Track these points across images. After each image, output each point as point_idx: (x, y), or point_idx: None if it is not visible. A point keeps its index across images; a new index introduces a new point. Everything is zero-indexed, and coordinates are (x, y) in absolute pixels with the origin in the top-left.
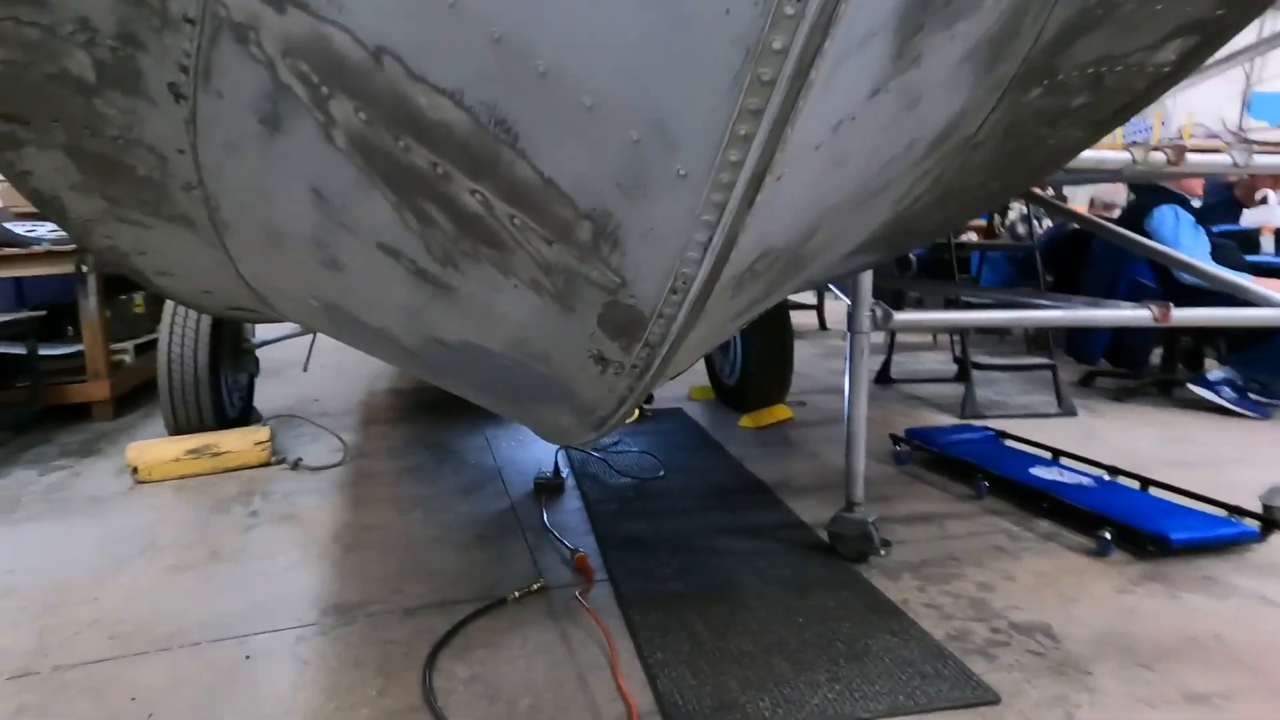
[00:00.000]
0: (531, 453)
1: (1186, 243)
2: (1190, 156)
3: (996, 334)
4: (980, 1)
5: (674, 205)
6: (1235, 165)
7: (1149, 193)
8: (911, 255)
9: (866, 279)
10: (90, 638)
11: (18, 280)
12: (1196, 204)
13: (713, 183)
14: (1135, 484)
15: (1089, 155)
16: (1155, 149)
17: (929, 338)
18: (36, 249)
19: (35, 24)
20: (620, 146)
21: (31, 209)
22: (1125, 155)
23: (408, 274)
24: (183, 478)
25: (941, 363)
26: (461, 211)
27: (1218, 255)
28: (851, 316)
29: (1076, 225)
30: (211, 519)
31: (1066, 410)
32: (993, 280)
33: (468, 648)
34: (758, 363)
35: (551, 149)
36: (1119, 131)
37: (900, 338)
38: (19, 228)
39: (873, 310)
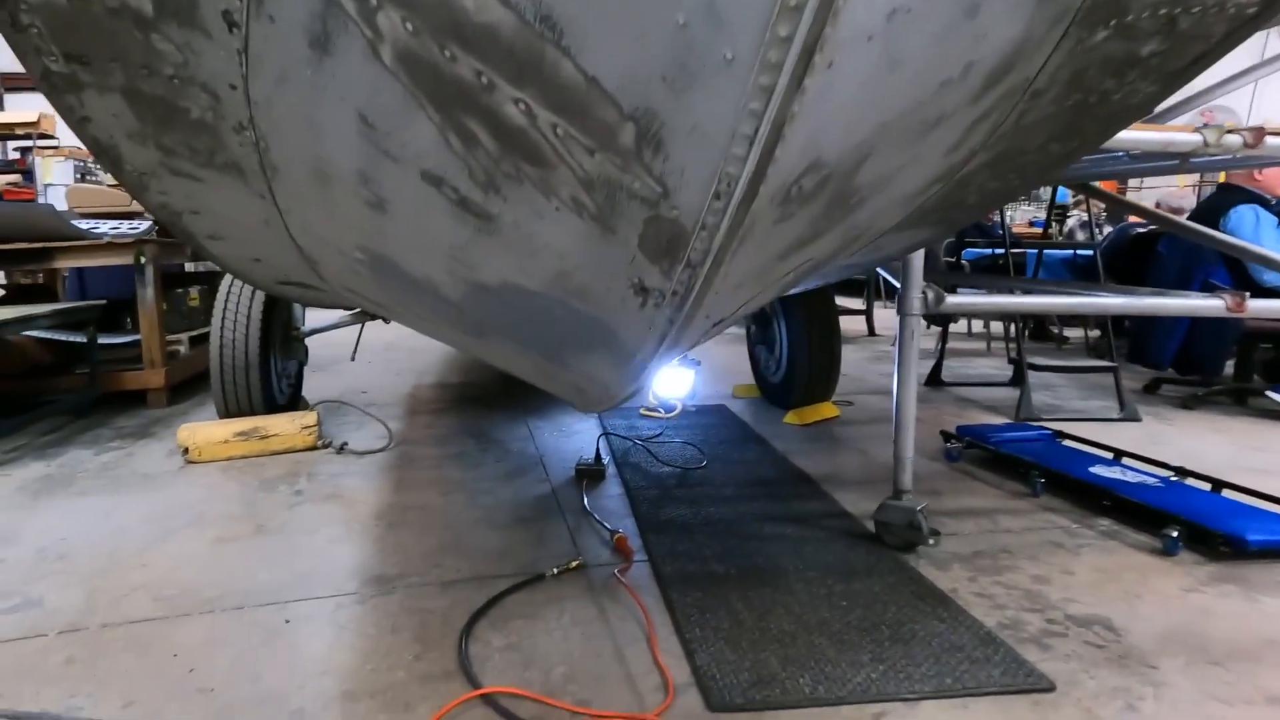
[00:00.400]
0: (574, 443)
1: (1269, 245)
2: (1271, 140)
3: (1055, 341)
4: None
5: (719, 95)
6: None
7: (1223, 192)
8: (967, 262)
9: (917, 260)
10: (137, 600)
11: (80, 277)
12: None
13: (760, 63)
14: (1206, 486)
15: (1156, 137)
16: (1230, 131)
17: (983, 344)
18: (99, 240)
19: None
20: (666, 33)
21: (96, 209)
22: (1195, 137)
23: (450, 205)
24: (231, 459)
25: (996, 368)
26: (505, 125)
27: None
28: (901, 299)
29: (1140, 229)
30: (258, 496)
31: (1129, 415)
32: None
33: (505, 619)
34: (803, 360)
35: (596, 43)
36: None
37: (953, 344)
38: (82, 224)
39: (924, 292)
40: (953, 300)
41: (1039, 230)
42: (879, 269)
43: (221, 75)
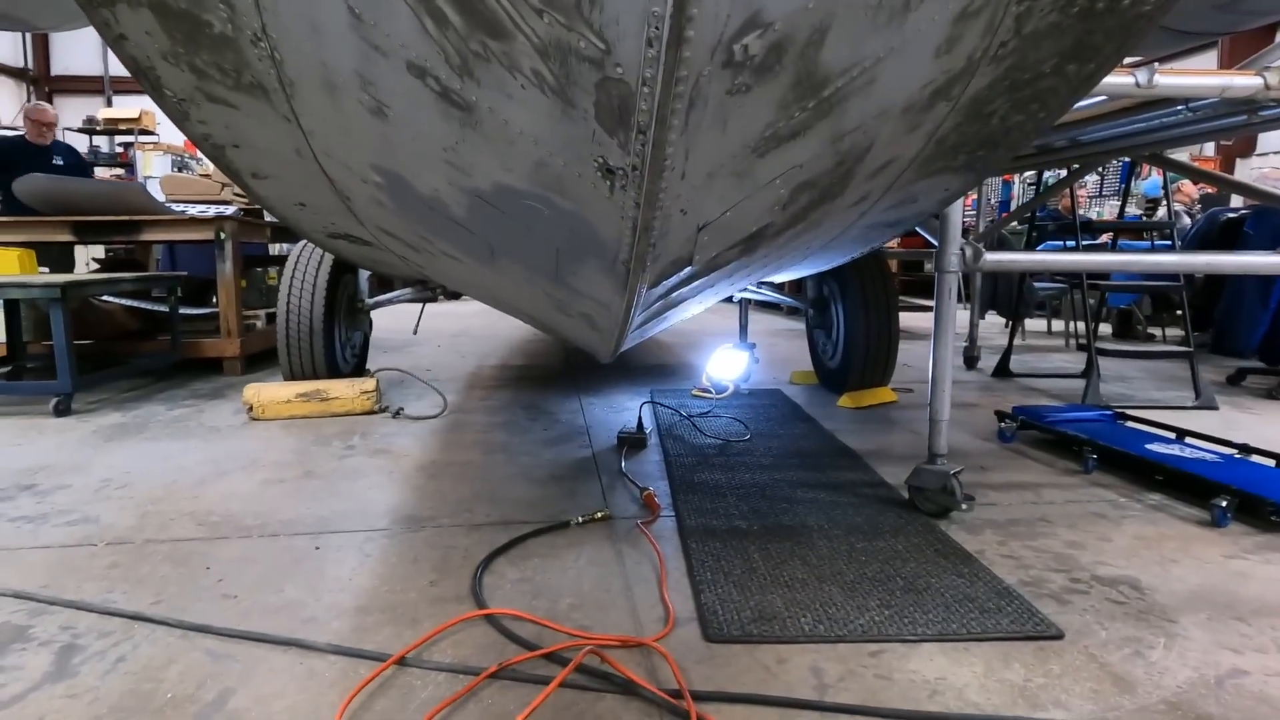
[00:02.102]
0: (623, 417)
1: None
2: None
3: (1139, 338)
4: None
5: None
6: None
7: None
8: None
9: (955, 214)
10: (183, 524)
11: (171, 256)
12: None
13: None
14: (1270, 461)
15: (1211, 81)
16: None
17: (1060, 341)
18: (181, 217)
19: None
20: None
21: (187, 196)
22: (1255, 80)
23: (437, 100)
24: (293, 418)
25: (1069, 361)
26: None
27: None
28: (939, 255)
29: (1231, 214)
30: (311, 449)
31: (1205, 403)
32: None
33: (524, 557)
34: (860, 344)
35: None
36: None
37: (1031, 340)
38: (175, 207)
39: (962, 249)
40: (991, 257)
41: (1129, 223)
42: (919, 228)
43: None
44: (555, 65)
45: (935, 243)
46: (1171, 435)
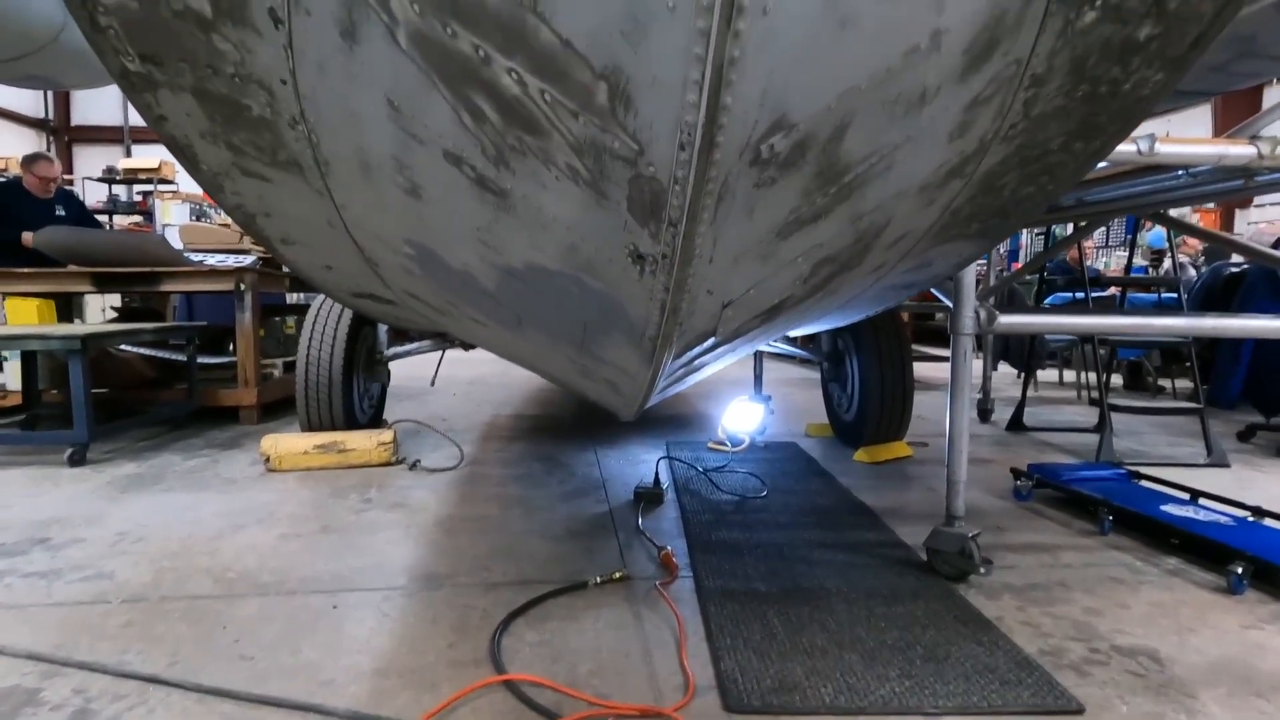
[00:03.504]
0: (639, 470)
1: None
2: None
3: (1150, 390)
4: None
5: (668, 44)
6: None
7: None
8: (1056, 306)
9: (969, 277)
10: (199, 580)
11: (189, 304)
12: None
13: (695, 7)
14: None
15: (1208, 150)
16: None
17: (1072, 393)
18: (201, 268)
19: None
20: None
21: (206, 245)
22: (1250, 149)
23: (471, 185)
24: (309, 469)
25: (1082, 414)
26: (503, 96)
27: None
28: (954, 317)
29: (1234, 269)
30: (328, 502)
31: (1217, 460)
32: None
33: (543, 619)
34: (875, 397)
35: (564, 5)
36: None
37: (1044, 392)
38: (193, 257)
39: (976, 311)
40: (1004, 319)
41: (1135, 277)
42: (934, 290)
43: (273, 70)
44: (589, 161)
45: (950, 304)
46: (1185, 496)
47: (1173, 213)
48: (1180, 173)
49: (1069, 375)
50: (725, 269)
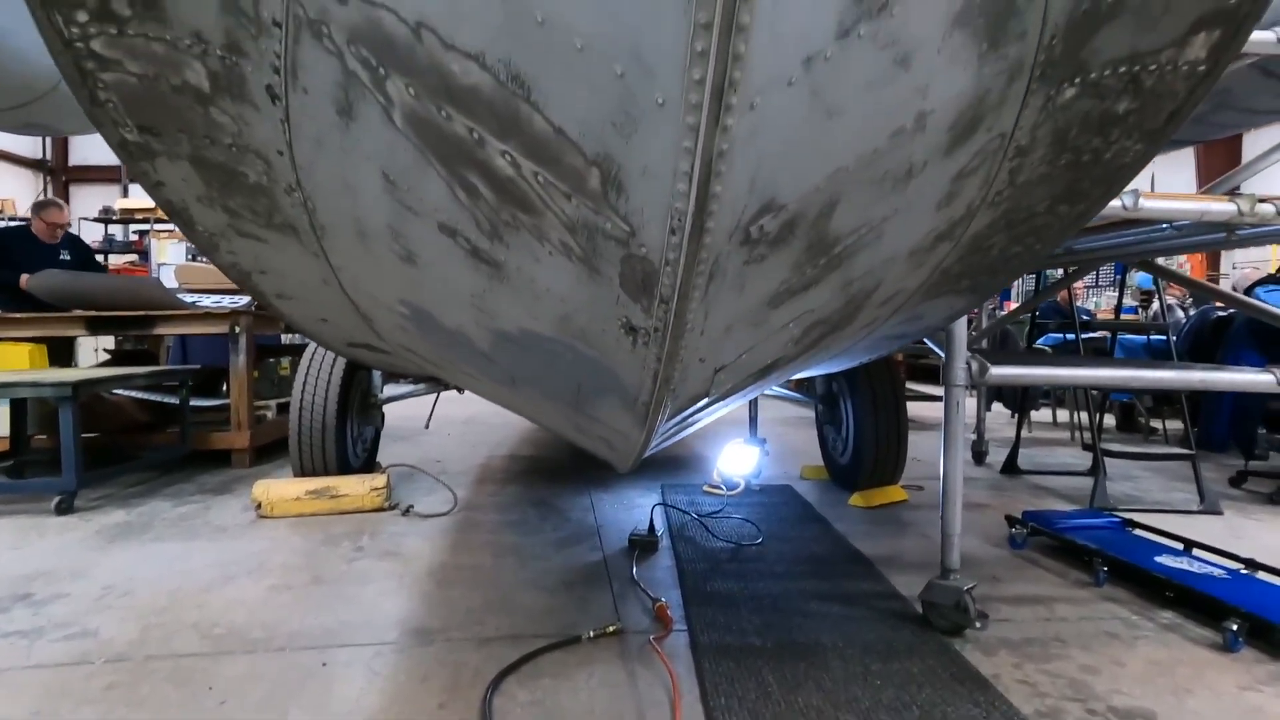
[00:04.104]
0: (634, 515)
1: None
2: None
3: (1142, 432)
4: None
5: (659, 136)
6: None
7: None
8: (1047, 348)
9: (960, 329)
10: (186, 637)
11: (183, 345)
12: None
13: (685, 104)
14: (1277, 580)
15: (1191, 206)
16: (1263, 200)
17: (1065, 434)
18: (198, 310)
19: (161, 39)
20: (609, 83)
21: (201, 285)
22: (1230, 206)
23: (466, 256)
24: (301, 515)
25: (1077, 456)
26: (498, 176)
27: None
28: (946, 369)
29: (1221, 312)
30: (320, 550)
31: (1210, 507)
32: None
33: (535, 676)
34: (870, 441)
35: (557, 96)
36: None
37: (1038, 433)
38: (187, 299)
39: (968, 362)
40: (996, 371)
41: (1128, 316)
42: (926, 340)
43: (270, 142)
44: (582, 239)
45: (942, 354)
46: (1179, 546)
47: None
48: (1165, 226)
49: (1062, 415)
50: (717, 338)
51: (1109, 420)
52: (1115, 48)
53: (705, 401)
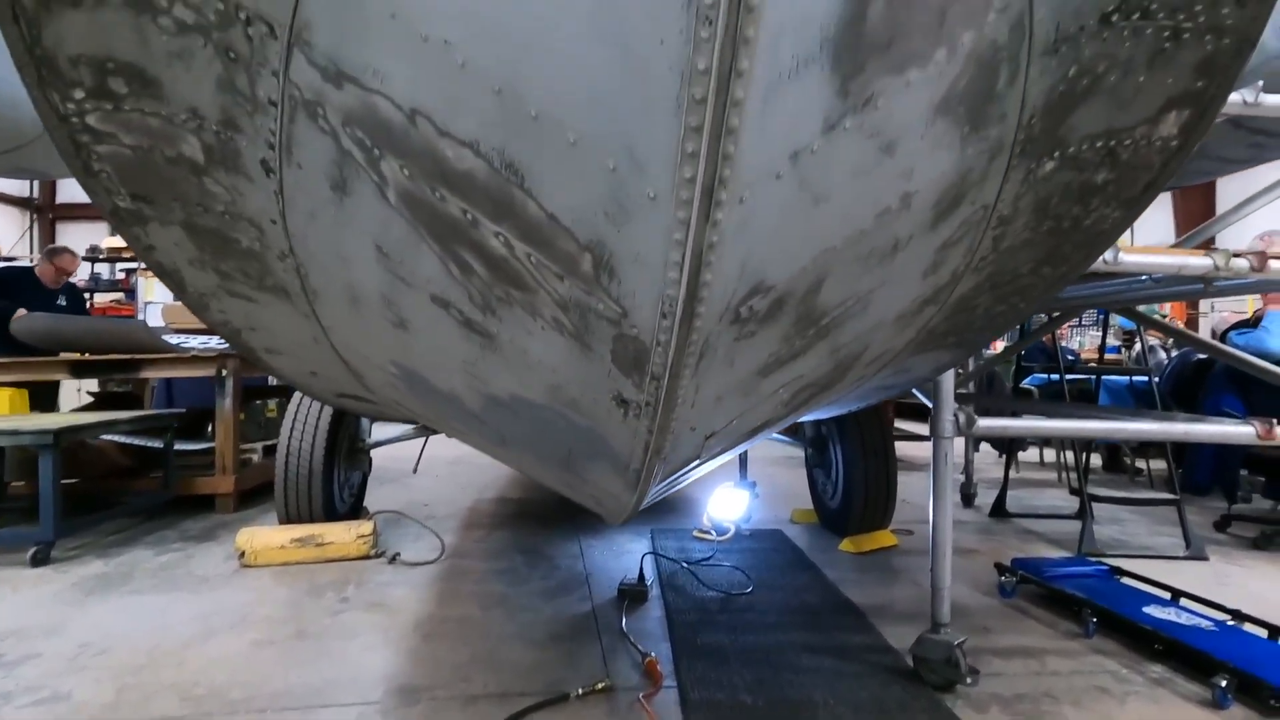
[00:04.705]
0: (623, 562)
1: (1275, 329)
2: (1275, 264)
3: (1128, 473)
4: (929, 52)
5: (651, 227)
6: None
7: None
8: (1034, 388)
9: (947, 382)
10: (165, 699)
11: (168, 385)
12: None
13: (676, 200)
14: (1263, 632)
15: (1169, 260)
16: (1237, 255)
17: (1052, 474)
18: (184, 354)
19: (156, 114)
20: (601, 176)
21: (188, 325)
22: (1206, 261)
23: (458, 326)
24: (286, 564)
25: (1064, 499)
26: (491, 255)
27: None
28: (934, 421)
29: (1201, 355)
30: (304, 601)
31: (1195, 553)
32: None
33: None
34: (859, 485)
35: (550, 186)
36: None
37: (1025, 473)
38: (173, 339)
39: (955, 415)
40: (984, 423)
41: (1111, 356)
42: (915, 390)
43: (263, 212)
44: (574, 317)
45: (930, 404)
46: (1167, 596)
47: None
48: (1144, 277)
49: (1049, 454)
50: (708, 408)
51: (1095, 460)
52: (1092, 125)
53: (697, 462)
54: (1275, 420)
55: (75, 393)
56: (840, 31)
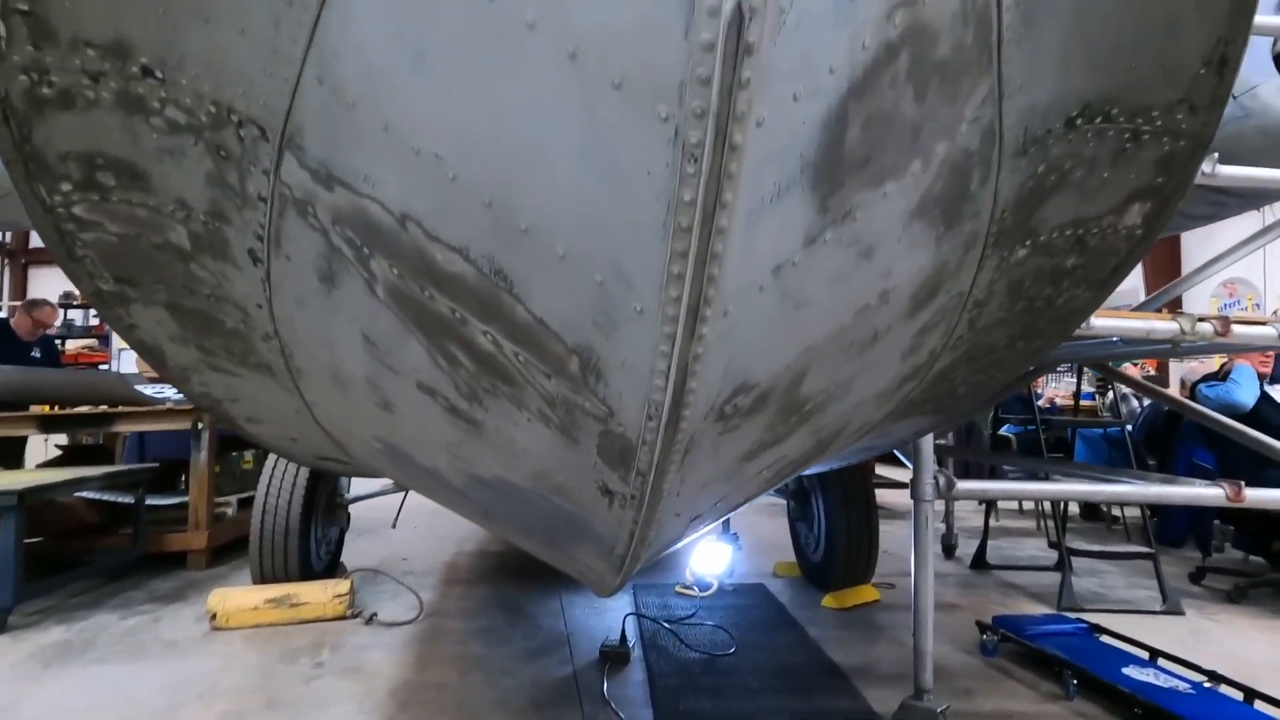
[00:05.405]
0: (605, 620)
1: (1244, 382)
2: (1237, 329)
3: (1105, 521)
4: (905, 164)
5: (637, 338)
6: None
7: None
8: (1012, 435)
9: (927, 445)
10: None
11: (140, 436)
12: None
13: (662, 316)
14: (1239, 695)
15: (1138, 324)
16: (1202, 320)
17: (1031, 523)
18: (160, 407)
19: (144, 205)
20: (589, 288)
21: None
22: (1174, 325)
23: (444, 412)
24: (259, 626)
25: (1042, 550)
26: (478, 351)
27: None
28: (914, 483)
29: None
30: (277, 668)
31: (1172, 608)
32: (1090, 461)
33: None
34: (842, 539)
35: (539, 293)
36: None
37: (1004, 521)
38: (148, 389)
39: (935, 478)
40: (963, 486)
41: (1086, 402)
42: (896, 452)
43: (249, 297)
44: (561, 412)
45: (910, 465)
46: (1145, 655)
47: None
48: (1115, 339)
49: (1028, 502)
50: (693, 496)
51: (1073, 508)
52: (1061, 215)
53: (681, 542)
54: (1244, 481)
55: (43, 444)
56: (820, 156)
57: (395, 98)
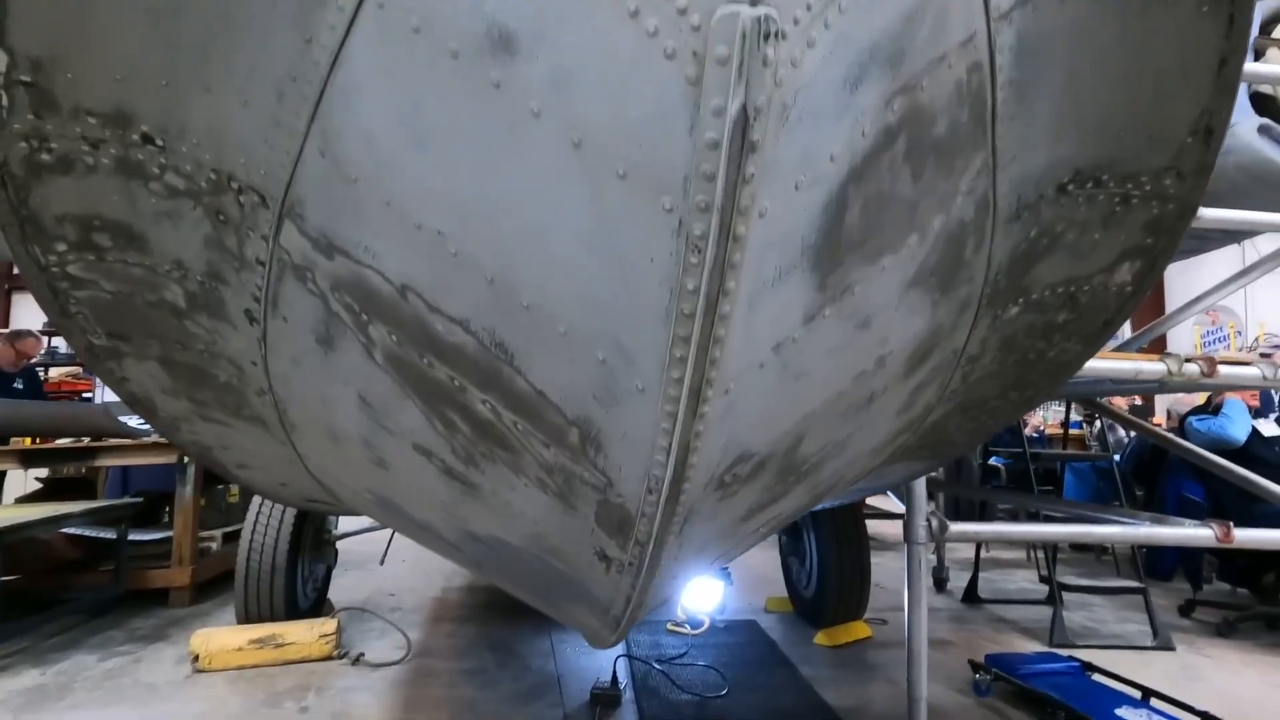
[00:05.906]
0: (595, 660)
1: (1236, 417)
2: (1223, 369)
3: (1095, 552)
4: (902, 239)
5: (638, 414)
6: (1264, 379)
7: None
8: (1001, 466)
9: (920, 488)
10: None
11: (124, 469)
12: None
13: (663, 396)
14: None
15: (1127, 366)
16: (1189, 360)
17: (1022, 554)
18: (145, 440)
19: (140, 265)
20: (591, 365)
21: None
22: (1161, 366)
23: (440, 473)
24: (243, 668)
25: (1033, 582)
26: (477, 418)
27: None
28: (906, 526)
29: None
30: (260, 713)
31: (1163, 643)
32: (1079, 492)
33: None
34: (834, 575)
35: (539, 366)
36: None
37: (994, 553)
38: (133, 421)
39: (928, 520)
40: (956, 528)
41: (1073, 431)
42: (889, 492)
43: (244, 354)
44: (559, 480)
45: (903, 506)
46: (1138, 695)
47: None
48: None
49: None
50: (690, 558)
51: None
52: (1053, 274)
53: (677, 595)
54: (1233, 514)
55: (23, 476)
56: (820, 239)
57: (398, 176)
